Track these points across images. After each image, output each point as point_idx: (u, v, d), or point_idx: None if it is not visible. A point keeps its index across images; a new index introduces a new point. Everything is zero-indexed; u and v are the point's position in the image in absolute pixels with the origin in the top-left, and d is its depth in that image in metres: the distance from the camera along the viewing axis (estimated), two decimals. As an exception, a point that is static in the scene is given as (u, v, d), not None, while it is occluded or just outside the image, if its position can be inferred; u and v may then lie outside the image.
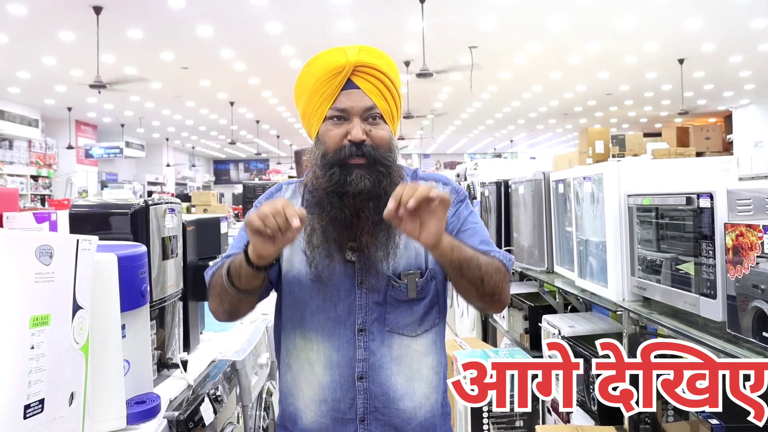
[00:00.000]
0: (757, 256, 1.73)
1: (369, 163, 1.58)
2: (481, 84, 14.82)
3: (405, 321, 1.68)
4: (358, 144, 1.57)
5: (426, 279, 1.68)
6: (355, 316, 1.66)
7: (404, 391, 1.68)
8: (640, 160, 2.92)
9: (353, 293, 1.66)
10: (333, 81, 1.61)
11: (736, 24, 10.45)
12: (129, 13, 9.42)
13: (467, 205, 1.79)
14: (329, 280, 1.65)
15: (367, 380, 1.66)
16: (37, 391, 1.19)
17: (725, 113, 20.10)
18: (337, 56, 1.62)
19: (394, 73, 1.67)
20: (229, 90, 15.90)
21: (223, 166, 35.91)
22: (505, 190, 4.55)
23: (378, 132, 1.61)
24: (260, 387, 3.01)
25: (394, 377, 1.67)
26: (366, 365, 1.66)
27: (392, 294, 1.66)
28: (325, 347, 1.67)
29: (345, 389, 1.66)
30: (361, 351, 1.66)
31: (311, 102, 1.65)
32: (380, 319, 1.66)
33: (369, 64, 1.62)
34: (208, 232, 2.73)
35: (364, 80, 1.62)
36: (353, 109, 1.60)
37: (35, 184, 18.69)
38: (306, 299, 1.68)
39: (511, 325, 4.11)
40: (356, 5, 9.25)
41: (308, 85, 1.65)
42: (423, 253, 1.68)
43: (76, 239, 1.34)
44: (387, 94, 1.64)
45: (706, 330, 2.02)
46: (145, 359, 1.85)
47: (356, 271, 1.65)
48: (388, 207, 1.38)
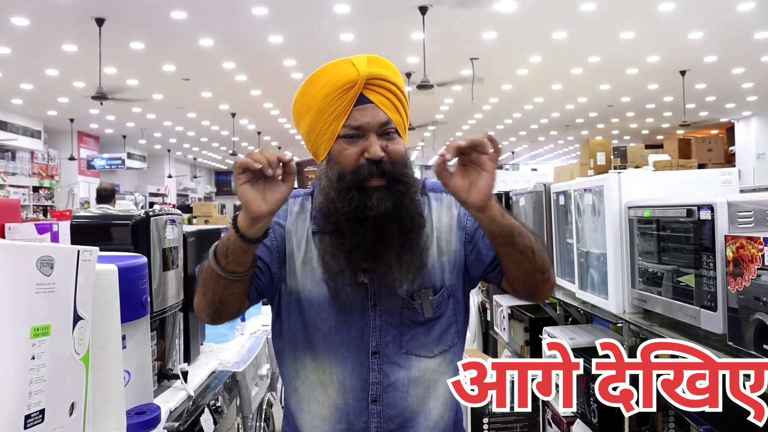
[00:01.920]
0: (757, 269, 1.73)
1: (388, 183, 1.49)
2: (483, 95, 14.83)
3: (422, 342, 1.63)
4: (377, 162, 1.48)
5: (441, 296, 1.63)
6: (369, 338, 1.60)
7: (419, 411, 1.63)
8: (641, 172, 2.91)
9: (366, 315, 1.60)
10: (345, 96, 1.50)
11: (738, 36, 10.47)
12: (131, 25, 9.46)
13: None
14: (341, 304, 1.57)
15: (381, 403, 1.61)
16: (38, 401, 1.19)
17: (727, 125, 20.11)
18: (346, 69, 1.53)
19: (401, 83, 1.60)
20: (231, 101, 15.93)
21: (224, 178, 35.94)
22: (506, 201, 4.55)
23: (395, 147, 1.52)
24: (260, 398, 3.00)
25: (410, 399, 1.62)
26: (380, 388, 1.61)
27: (408, 315, 1.60)
28: (338, 371, 1.61)
29: (358, 412, 1.61)
30: (375, 374, 1.60)
31: (320, 120, 1.54)
32: (396, 341, 1.61)
33: (381, 76, 1.53)
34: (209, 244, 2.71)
35: (377, 94, 1.52)
36: (369, 125, 1.50)
37: (37, 195, 18.70)
38: (317, 321, 1.61)
39: (511, 336, 4.11)
40: (357, 17, 9.28)
41: (314, 102, 1.54)
42: (438, 270, 1.63)
43: (77, 250, 1.34)
44: (399, 106, 1.56)
45: (707, 343, 2.01)
46: (145, 370, 1.85)
47: (369, 293, 1.59)
48: (437, 159, 1.32)
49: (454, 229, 1.66)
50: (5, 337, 1.15)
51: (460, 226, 1.66)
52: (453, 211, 1.67)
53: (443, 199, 1.68)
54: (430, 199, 1.68)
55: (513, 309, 4.09)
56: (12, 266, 1.16)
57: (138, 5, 8.66)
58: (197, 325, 2.63)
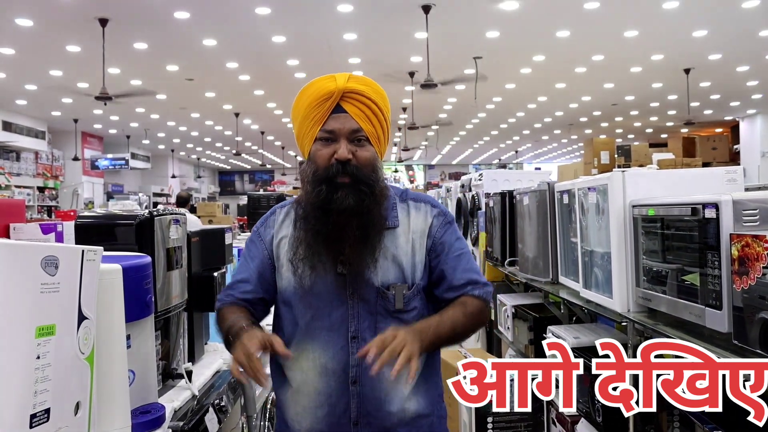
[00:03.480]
0: (763, 267, 1.72)
1: (353, 182, 1.74)
2: (486, 94, 14.84)
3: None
4: (343, 163, 1.73)
5: (413, 292, 1.83)
6: (348, 324, 1.79)
7: (394, 393, 1.79)
8: (645, 171, 2.91)
9: (345, 303, 1.79)
10: (323, 105, 1.76)
11: (742, 33, 10.45)
12: (134, 25, 9.48)
13: (454, 230, 1.94)
14: (320, 292, 1.79)
15: (360, 385, 1.78)
16: (43, 400, 1.20)
17: (732, 123, 20.07)
18: (327, 83, 1.77)
19: (381, 101, 1.82)
20: (234, 101, 15.96)
21: (228, 178, 36.02)
22: (510, 200, 4.55)
23: (362, 153, 1.77)
24: (264, 397, 3.01)
25: (385, 382, 1.77)
26: (359, 370, 1.77)
27: (381, 304, 1.79)
28: (320, 356, 1.79)
29: (339, 394, 1.78)
30: (355, 357, 1.76)
31: (304, 124, 1.81)
32: (371, 327, 1.78)
33: (356, 90, 1.76)
34: (212, 243, 2.73)
35: (352, 105, 1.77)
36: (340, 130, 1.76)
37: (42, 196, 18.76)
38: (301, 310, 1.82)
39: (515, 336, 4.10)
40: (361, 17, 9.28)
41: (301, 109, 1.81)
42: (410, 268, 1.83)
43: (82, 250, 1.34)
44: (373, 118, 1.79)
45: (712, 342, 2.00)
46: (150, 369, 1.85)
47: (348, 282, 1.78)
48: (370, 353, 1.54)
49: (425, 236, 1.88)
50: (10, 336, 1.15)
51: (429, 234, 1.88)
52: (428, 219, 1.90)
53: (421, 207, 1.91)
54: (409, 206, 1.91)
55: (517, 308, 4.09)
56: (17, 266, 1.16)
57: (141, 6, 8.68)
58: (201, 324, 2.63)
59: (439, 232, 1.88)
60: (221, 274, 2.64)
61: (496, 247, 4.85)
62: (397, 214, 1.87)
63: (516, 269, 4.35)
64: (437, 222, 1.89)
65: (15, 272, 1.16)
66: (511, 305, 4.17)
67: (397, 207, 1.89)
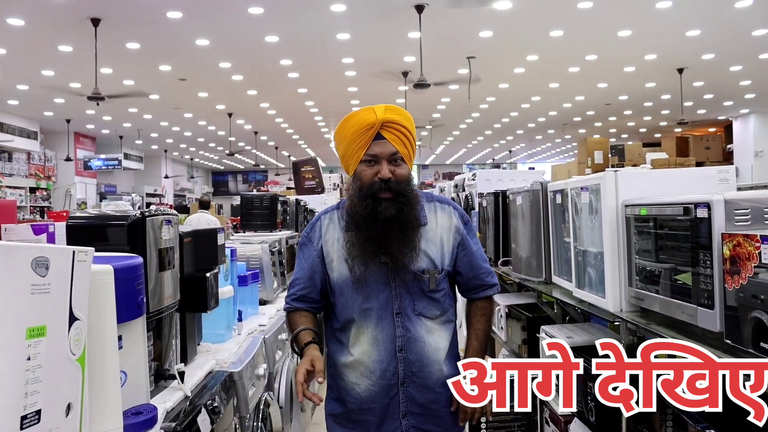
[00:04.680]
0: (754, 267, 1.73)
1: (394, 196, 2.17)
2: (480, 94, 14.86)
3: (429, 307, 2.28)
4: (386, 180, 2.17)
5: (443, 275, 2.30)
6: (392, 303, 2.24)
7: (434, 358, 2.26)
8: (638, 170, 2.91)
9: (388, 286, 2.24)
10: (366, 134, 2.19)
11: (736, 33, 10.48)
12: (127, 25, 9.46)
13: (471, 227, 2.42)
14: (369, 280, 2.22)
15: (406, 351, 2.23)
16: (34, 402, 1.19)
17: (725, 123, 20.13)
18: (369, 115, 2.19)
19: (411, 126, 2.28)
20: (228, 101, 15.94)
21: (221, 178, 35.96)
22: (503, 200, 4.55)
23: (400, 171, 2.22)
24: (257, 398, 3.00)
25: (426, 348, 2.25)
26: (404, 340, 2.23)
27: (418, 286, 2.25)
28: (373, 330, 2.24)
29: (389, 360, 2.23)
30: (400, 329, 2.23)
31: (350, 149, 2.24)
32: (410, 305, 2.25)
33: (393, 120, 2.20)
34: (205, 244, 2.72)
35: (390, 133, 2.21)
36: (382, 154, 2.19)
37: (34, 197, 18.69)
38: (354, 296, 2.24)
39: (509, 335, 4.11)
40: (354, 17, 9.28)
41: (346, 136, 2.24)
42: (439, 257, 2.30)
43: (73, 251, 1.34)
44: (406, 142, 2.25)
45: (704, 341, 2.00)
46: (142, 370, 1.85)
47: (389, 270, 2.23)
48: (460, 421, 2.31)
49: (452, 231, 2.36)
50: (0, 338, 1.15)
51: (457, 231, 2.36)
52: (453, 219, 2.37)
53: (445, 209, 2.38)
54: (436, 207, 2.37)
55: (510, 308, 4.09)
56: (7, 267, 1.16)
57: (133, 5, 8.65)
58: (194, 325, 2.63)
59: (464, 230, 2.37)
60: (214, 274, 2.63)
61: (490, 247, 4.85)
62: (426, 213, 2.32)
63: (509, 269, 4.35)
64: (460, 222, 2.37)
65: (5, 273, 1.15)
66: (504, 305, 4.17)
67: (425, 208, 2.33)
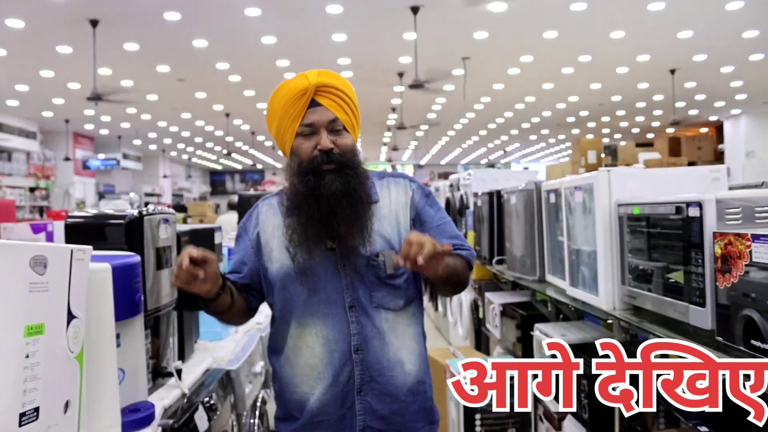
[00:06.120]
0: (745, 265, 1.75)
1: (338, 168, 1.85)
2: (475, 95, 14.86)
3: (388, 296, 1.91)
4: (327, 152, 1.85)
5: None
6: (343, 295, 1.88)
7: (395, 359, 1.89)
8: (631, 170, 2.94)
9: (338, 275, 1.88)
10: (299, 101, 1.86)
11: (727, 34, 10.51)
12: (125, 26, 9.44)
13: (434, 201, 2.07)
14: (315, 269, 1.87)
15: (363, 352, 1.86)
16: (32, 399, 1.20)
17: (717, 123, 20.18)
18: (300, 81, 1.88)
19: (350, 91, 1.94)
20: (225, 102, 15.92)
21: (219, 177, 35.92)
22: (498, 200, 4.57)
23: (343, 140, 1.89)
24: (254, 395, 3.01)
25: (386, 347, 1.89)
26: (360, 338, 1.87)
27: (373, 272, 1.89)
28: (321, 327, 1.88)
29: (343, 362, 1.86)
30: (354, 325, 1.87)
31: (283, 122, 1.90)
32: (366, 296, 1.89)
33: (329, 83, 1.88)
34: (202, 243, 2.74)
35: (326, 98, 1.87)
36: (319, 122, 1.87)
37: (33, 196, 18.66)
38: (297, 289, 1.89)
39: (503, 333, 4.13)
40: (350, 17, 9.28)
41: (278, 109, 1.91)
42: (396, 237, 1.94)
43: (71, 249, 1.35)
44: (346, 107, 1.91)
45: (696, 338, 2.02)
46: (139, 368, 1.86)
47: (338, 256, 1.88)
48: (398, 261, 1.65)
49: (407, 207, 2.00)
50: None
51: (411, 205, 2.01)
52: (408, 191, 2.03)
53: (400, 182, 2.05)
54: (389, 182, 2.04)
55: (505, 306, 4.11)
56: (5, 265, 1.17)
57: (132, 7, 8.64)
58: (191, 323, 2.64)
59: (420, 202, 2.02)
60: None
61: (484, 245, 4.87)
62: (377, 190, 2.00)
63: (504, 268, 4.38)
64: (417, 194, 2.03)
65: (3, 271, 1.17)
66: (498, 303, 4.19)
67: (376, 185, 2.01)
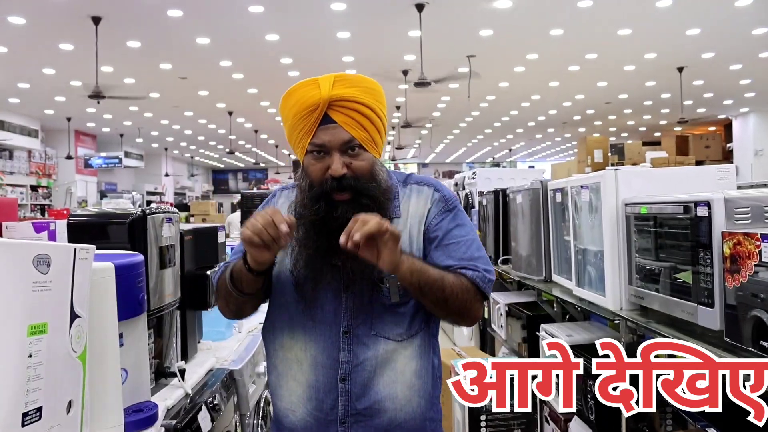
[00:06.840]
0: (754, 265, 1.73)
1: (354, 197, 1.63)
2: (480, 93, 14.84)
3: (390, 325, 1.71)
4: (338, 178, 1.61)
5: None
6: (340, 318, 1.70)
7: (386, 394, 1.70)
8: (638, 169, 2.91)
9: (339, 297, 1.70)
10: (309, 117, 1.62)
11: (736, 32, 10.47)
12: (127, 23, 9.45)
13: (456, 215, 1.79)
14: (316, 284, 1.68)
15: (350, 382, 1.69)
16: (35, 399, 1.19)
17: (725, 122, 20.10)
18: (311, 92, 1.62)
19: (373, 99, 1.67)
20: (228, 100, 15.93)
21: (222, 176, 35.96)
22: (503, 199, 4.55)
23: (358, 163, 1.64)
24: (258, 396, 3.00)
25: (377, 379, 1.70)
26: (349, 367, 1.69)
27: (377, 298, 1.69)
28: (311, 347, 1.72)
29: (327, 390, 1.70)
30: (345, 353, 1.69)
31: (293, 134, 1.69)
32: (366, 323, 1.69)
33: (343, 96, 1.62)
34: (205, 242, 2.73)
35: (340, 114, 1.62)
36: (331, 143, 1.62)
37: (35, 194, 18.71)
38: (294, 297, 1.73)
39: (509, 334, 4.11)
40: (354, 15, 9.27)
41: (288, 117, 1.69)
42: None
43: (74, 248, 1.34)
44: (366, 122, 1.65)
45: (704, 339, 2.01)
46: (142, 368, 1.85)
47: (342, 276, 1.67)
48: (340, 240, 1.46)
49: (422, 222, 1.77)
50: (2, 335, 1.15)
51: (425, 220, 1.77)
52: (427, 205, 1.79)
53: (423, 191, 1.81)
54: (412, 190, 1.81)
55: (510, 306, 4.09)
56: (8, 264, 1.16)
57: (134, 4, 8.65)
58: (194, 323, 2.63)
59: (435, 219, 1.76)
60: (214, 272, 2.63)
61: (490, 245, 4.86)
62: (399, 203, 1.78)
63: (509, 267, 4.36)
64: (436, 209, 1.78)
65: (6, 271, 1.16)
66: (504, 303, 4.17)
67: (399, 194, 1.79)
